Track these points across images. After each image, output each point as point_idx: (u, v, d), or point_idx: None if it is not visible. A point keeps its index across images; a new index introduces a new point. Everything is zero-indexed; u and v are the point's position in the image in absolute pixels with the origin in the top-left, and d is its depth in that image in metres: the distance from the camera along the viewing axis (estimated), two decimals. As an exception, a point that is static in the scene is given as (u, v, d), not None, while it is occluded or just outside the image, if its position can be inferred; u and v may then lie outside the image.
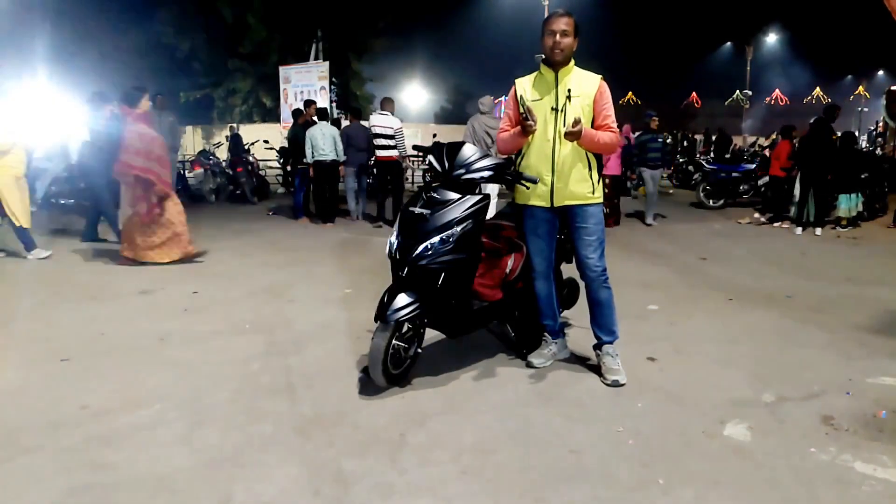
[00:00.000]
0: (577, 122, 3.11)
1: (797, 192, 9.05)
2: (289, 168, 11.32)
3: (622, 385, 3.33)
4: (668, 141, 10.26)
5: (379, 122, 9.08)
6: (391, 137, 9.02)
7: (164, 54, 22.68)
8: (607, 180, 8.98)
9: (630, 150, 11.03)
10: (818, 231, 8.71)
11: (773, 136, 15.76)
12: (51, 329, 4.24)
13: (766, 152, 13.86)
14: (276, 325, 4.38)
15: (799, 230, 8.75)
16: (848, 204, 9.11)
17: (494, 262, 3.65)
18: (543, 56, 3.35)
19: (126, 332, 4.18)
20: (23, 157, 6.44)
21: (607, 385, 3.34)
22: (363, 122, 9.94)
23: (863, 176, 9.50)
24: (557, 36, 3.19)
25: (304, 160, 9.20)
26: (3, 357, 3.74)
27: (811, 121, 9.27)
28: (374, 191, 10.10)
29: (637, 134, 10.81)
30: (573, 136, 3.15)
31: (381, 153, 9.11)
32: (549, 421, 2.92)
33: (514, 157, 3.54)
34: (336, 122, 10.78)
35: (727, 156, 14.84)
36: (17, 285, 5.53)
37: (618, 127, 3.39)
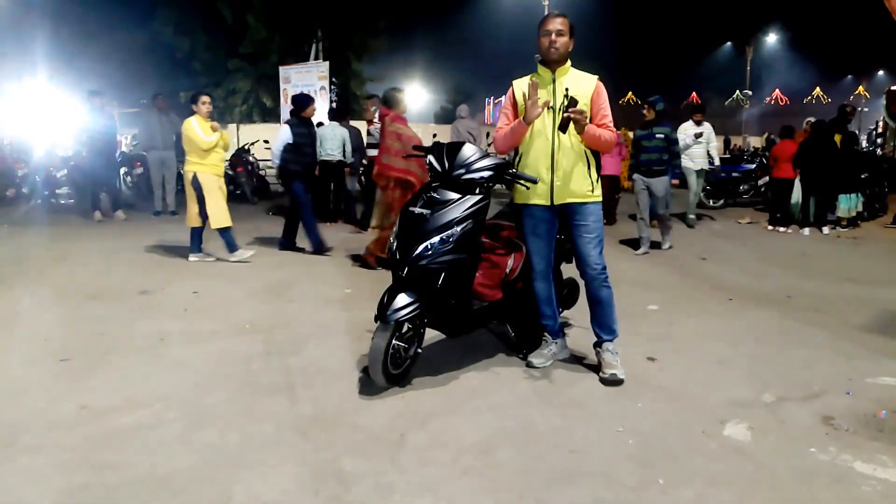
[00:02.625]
0: (574, 104, 3.10)
1: (798, 193, 9.05)
2: None
3: (620, 379, 3.33)
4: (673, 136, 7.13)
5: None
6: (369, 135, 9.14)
7: (164, 54, 22.66)
8: (606, 182, 8.93)
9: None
10: (826, 230, 8.76)
11: (763, 139, 15.69)
12: (51, 329, 4.24)
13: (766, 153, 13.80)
14: (276, 325, 4.38)
15: (806, 231, 8.76)
16: (848, 204, 9.11)
17: (494, 262, 3.65)
18: (540, 57, 3.36)
19: (126, 332, 4.18)
20: (223, 157, 6.43)
21: (605, 378, 3.35)
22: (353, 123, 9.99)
23: (863, 176, 9.49)
24: (553, 35, 3.22)
25: None
26: (3, 357, 3.74)
27: (809, 122, 9.28)
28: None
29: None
30: (577, 118, 3.11)
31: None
32: (549, 421, 2.92)
33: (513, 156, 3.55)
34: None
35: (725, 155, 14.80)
36: (17, 285, 5.52)
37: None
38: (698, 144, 9.13)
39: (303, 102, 7.16)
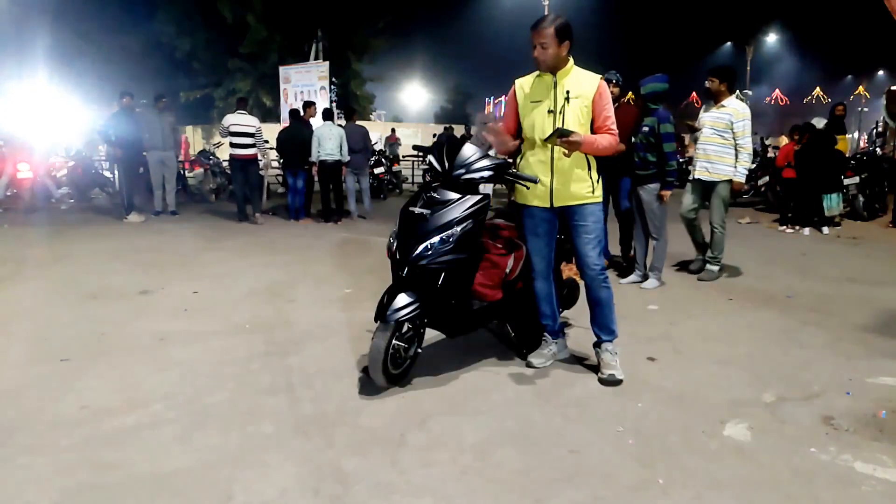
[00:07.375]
0: (564, 135, 3.10)
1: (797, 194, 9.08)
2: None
3: (619, 380, 3.34)
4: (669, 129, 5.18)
5: (237, 120, 9.30)
6: (251, 136, 9.32)
7: (164, 54, 22.68)
8: None
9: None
10: (825, 230, 8.78)
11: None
12: (51, 329, 4.24)
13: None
14: (276, 325, 4.38)
15: (806, 231, 8.77)
16: (829, 203, 9.12)
17: (494, 262, 3.65)
18: None
19: (126, 332, 4.18)
20: None
21: (603, 379, 3.36)
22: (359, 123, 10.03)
23: (843, 177, 9.50)
24: (537, 49, 3.21)
25: (310, 159, 9.30)
26: (3, 357, 3.74)
27: (809, 125, 9.32)
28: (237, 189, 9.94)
29: None
30: (572, 145, 3.13)
31: (240, 151, 9.34)
32: (549, 421, 2.92)
33: (513, 157, 3.54)
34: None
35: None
36: (17, 284, 5.52)
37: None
38: (704, 140, 5.68)
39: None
